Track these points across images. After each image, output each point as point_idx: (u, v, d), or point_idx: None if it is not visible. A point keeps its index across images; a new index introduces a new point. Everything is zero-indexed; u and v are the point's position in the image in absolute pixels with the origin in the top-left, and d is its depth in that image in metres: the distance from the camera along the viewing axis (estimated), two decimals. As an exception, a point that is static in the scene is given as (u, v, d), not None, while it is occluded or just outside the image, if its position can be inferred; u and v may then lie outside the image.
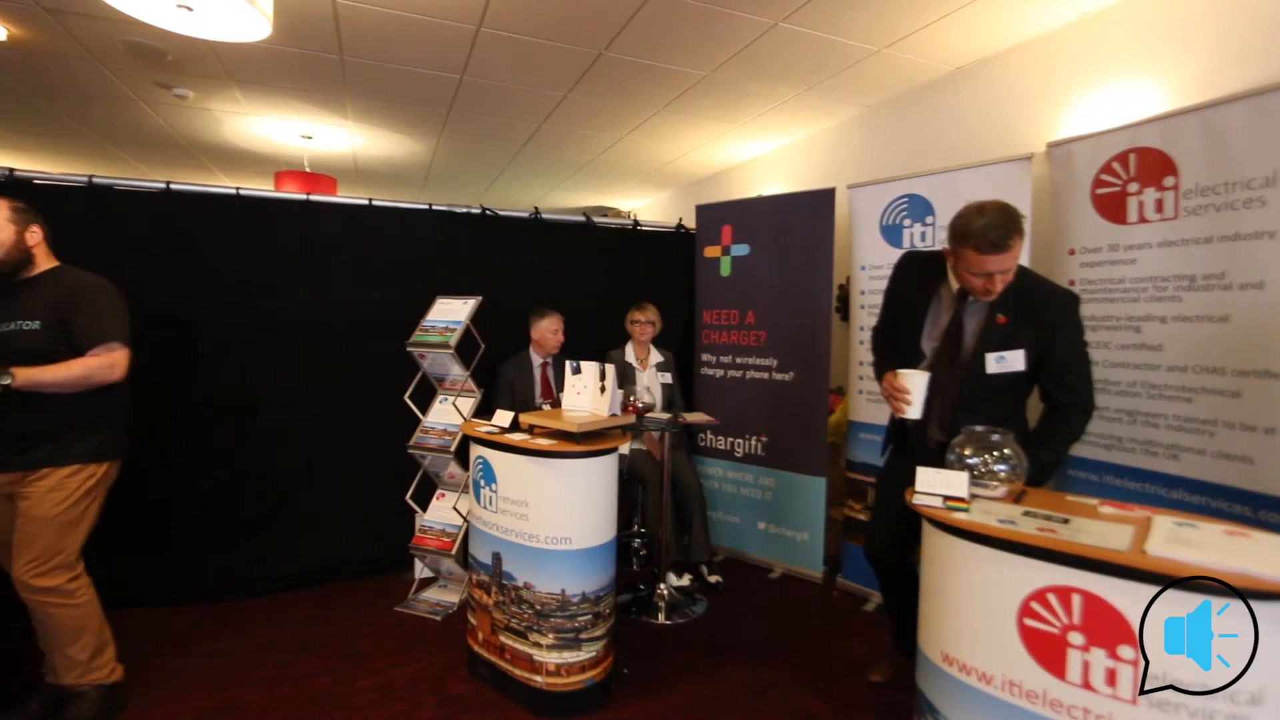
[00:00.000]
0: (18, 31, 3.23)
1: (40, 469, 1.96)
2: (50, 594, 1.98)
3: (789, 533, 3.42)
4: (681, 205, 6.40)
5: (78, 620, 2.04)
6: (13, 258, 1.99)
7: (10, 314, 1.97)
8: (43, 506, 1.95)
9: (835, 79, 3.61)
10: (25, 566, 1.95)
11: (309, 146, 5.25)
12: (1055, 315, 1.85)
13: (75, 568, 2.05)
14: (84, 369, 1.97)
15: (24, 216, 2.02)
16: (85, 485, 2.02)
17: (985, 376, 1.90)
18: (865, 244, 3.21)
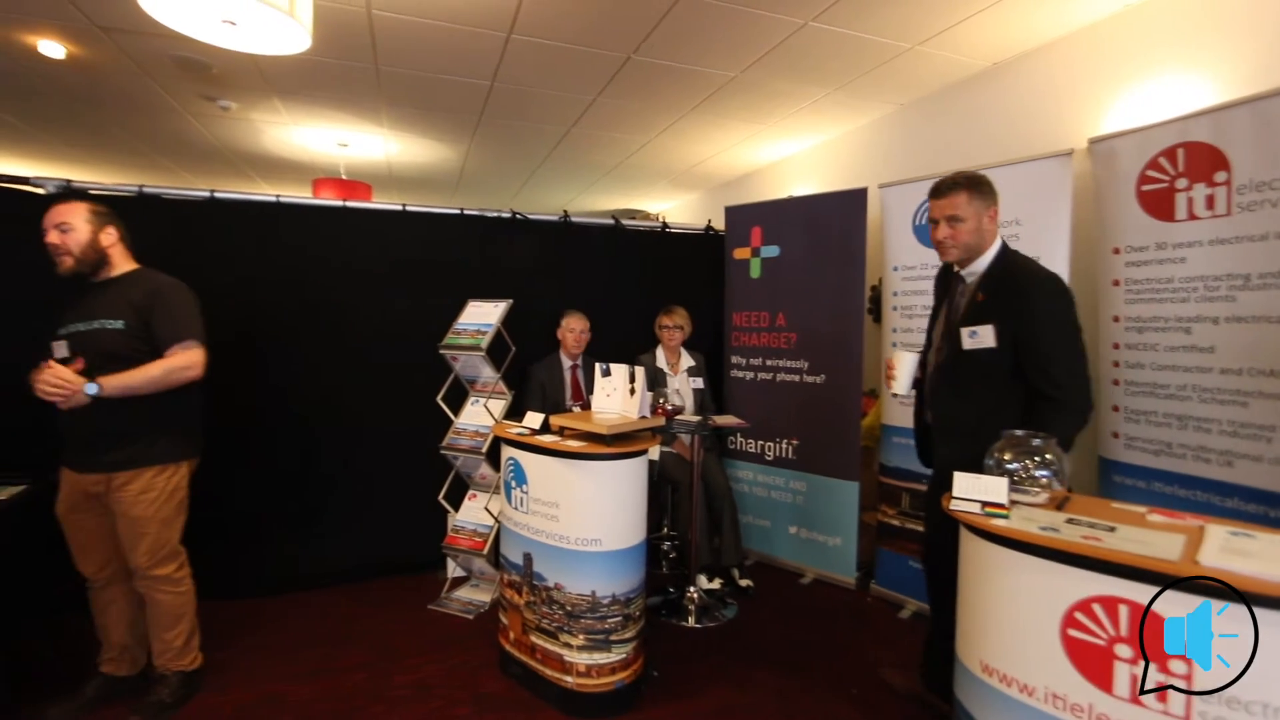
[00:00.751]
0: (76, 50, 3.38)
1: (125, 471, 2.04)
2: (163, 581, 2.14)
3: (821, 537, 3.38)
4: (710, 207, 6.38)
5: (180, 607, 2.19)
6: (89, 258, 2.07)
7: (93, 313, 2.05)
8: (139, 507, 2.06)
9: (867, 77, 3.56)
10: (142, 558, 2.08)
11: (345, 154, 5.39)
12: (1024, 292, 1.82)
13: (180, 555, 2.20)
14: (164, 369, 2.03)
15: (100, 218, 2.11)
16: (172, 483, 2.13)
17: (963, 354, 1.92)
18: (898, 244, 3.16)
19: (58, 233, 2.05)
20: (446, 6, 2.90)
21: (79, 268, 2.07)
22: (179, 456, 2.16)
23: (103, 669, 2.24)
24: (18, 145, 5.34)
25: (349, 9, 2.92)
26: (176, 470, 2.15)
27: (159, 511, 2.09)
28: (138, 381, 1.99)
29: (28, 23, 3.09)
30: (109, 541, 2.14)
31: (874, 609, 3.09)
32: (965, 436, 1.88)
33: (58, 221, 2.05)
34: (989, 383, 1.89)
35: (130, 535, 2.08)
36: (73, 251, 2.05)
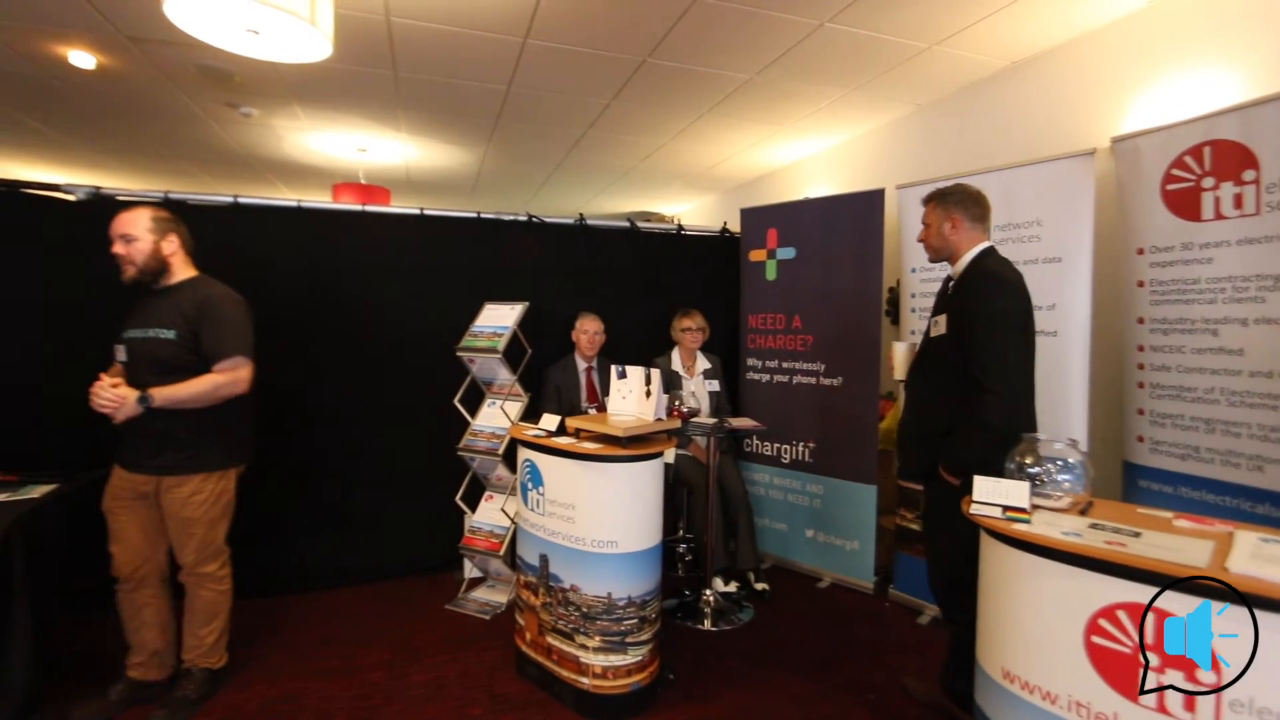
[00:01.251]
0: (105, 60, 3.47)
1: (174, 475, 2.09)
2: (208, 578, 2.22)
3: (838, 541, 3.35)
4: (725, 209, 6.37)
5: (218, 604, 2.25)
6: (150, 266, 2.10)
7: (148, 321, 2.09)
8: (188, 509, 2.11)
9: (883, 78, 3.54)
10: (191, 556, 2.16)
11: (364, 159, 5.46)
12: (969, 287, 2.02)
13: (224, 553, 2.26)
14: (211, 384, 2.06)
15: (162, 225, 2.13)
16: (219, 487, 2.18)
17: (931, 342, 2.16)
18: (915, 246, 3.11)
19: (122, 243, 2.08)
20: (463, 13, 2.93)
21: (141, 276, 2.11)
22: (227, 463, 2.20)
23: (130, 673, 2.23)
24: (49, 153, 5.48)
25: (368, 17, 2.96)
26: (224, 476, 2.20)
27: (207, 514, 2.15)
28: (185, 395, 2.02)
29: (60, 34, 3.18)
30: (147, 539, 2.17)
31: (892, 614, 3.06)
32: (924, 410, 2.16)
33: (122, 232, 2.08)
34: (940, 370, 2.08)
35: (179, 535, 2.15)
36: (136, 261, 2.09)
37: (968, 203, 2.11)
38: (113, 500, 2.16)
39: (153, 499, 2.13)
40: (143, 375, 2.03)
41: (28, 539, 2.11)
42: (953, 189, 2.15)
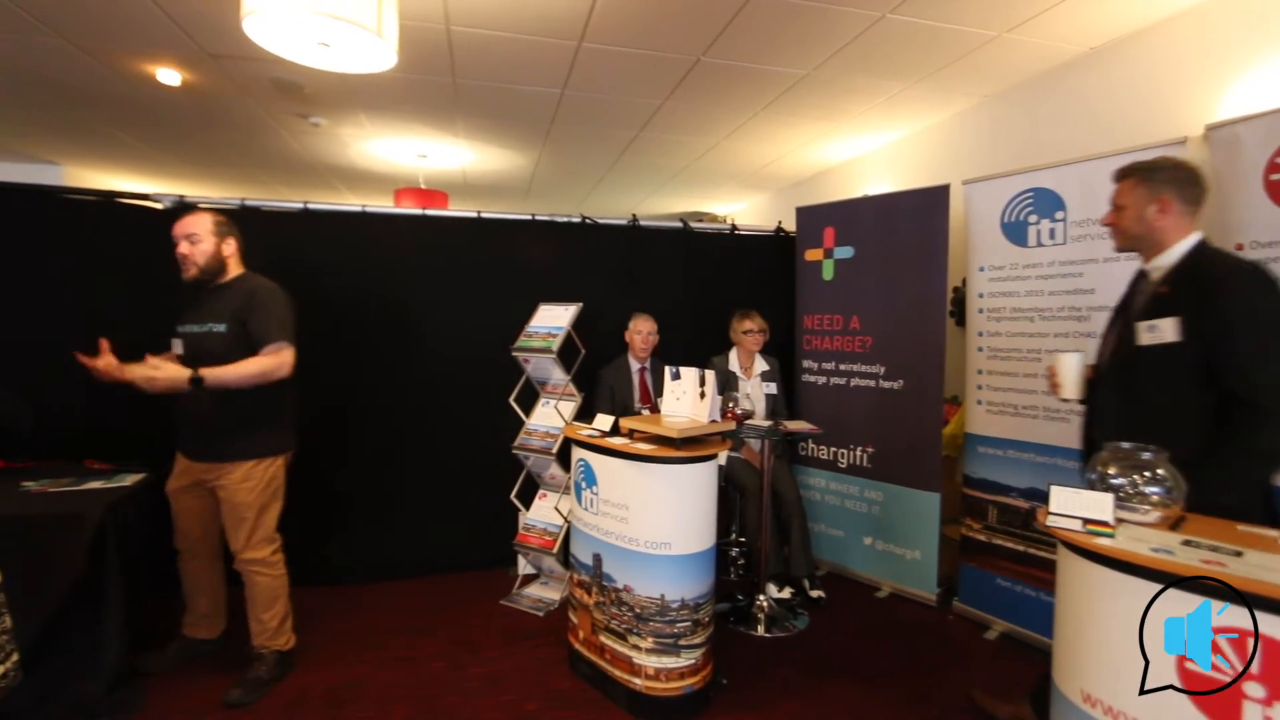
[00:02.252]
0: (189, 76, 3.69)
1: (227, 462, 2.24)
2: (259, 564, 2.32)
3: (898, 550, 3.24)
4: (779, 208, 6.27)
5: (275, 589, 2.37)
6: (211, 266, 2.27)
7: (204, 317, 2.25)
8: (240, 494, 2.26)
9: (949, 69, 3.40)
10: (241, 543, 2.29)
11: (424, 165, 5.63)
12: (1217, 282, 1.64)
13: (275, 541, 2.38)
14: (258, 367, 2.19)
15: (223, 229, 2.30)
16: (269, 473, 2.31)
17: (1138, 353, 1.74)
18: (984, 243, 2.99)
19: (187, 243, 2.24)
20: (520, 19, 2.98)
21: (202, 275, 2.27)
22: (275, 450, 2.34)
23: (185, 631, 2.51)
24: (138, 165, 5.88)
25: (430, 26, 3.05)
26: (273, 462, 2.33)
27: (258, 499, 2.28)
28: (233, 376, 2.15)
29: (150, 54, 3.40)
30: (204, 521, 2.38)
31: (956, 628, 2.93)
32: (1140, 435, 1.65)
33: (188, 233, 2.24)
34: (1165, 385, 1.70)
35: (232, 520, 2.29)
36: (199, 261, 2.25)
37: (1183, 182, 1.73)
38: (175, 486, 2.37)
39: (208, 484, 2.30)
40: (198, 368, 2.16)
41: (119, 523, 2.27)
42: (1162, 163, 1.79)
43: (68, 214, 3.06)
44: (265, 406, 2.28)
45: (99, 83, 3.78)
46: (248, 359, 2.20)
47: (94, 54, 3.39)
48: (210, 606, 2.51)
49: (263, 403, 2.26)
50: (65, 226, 3.02)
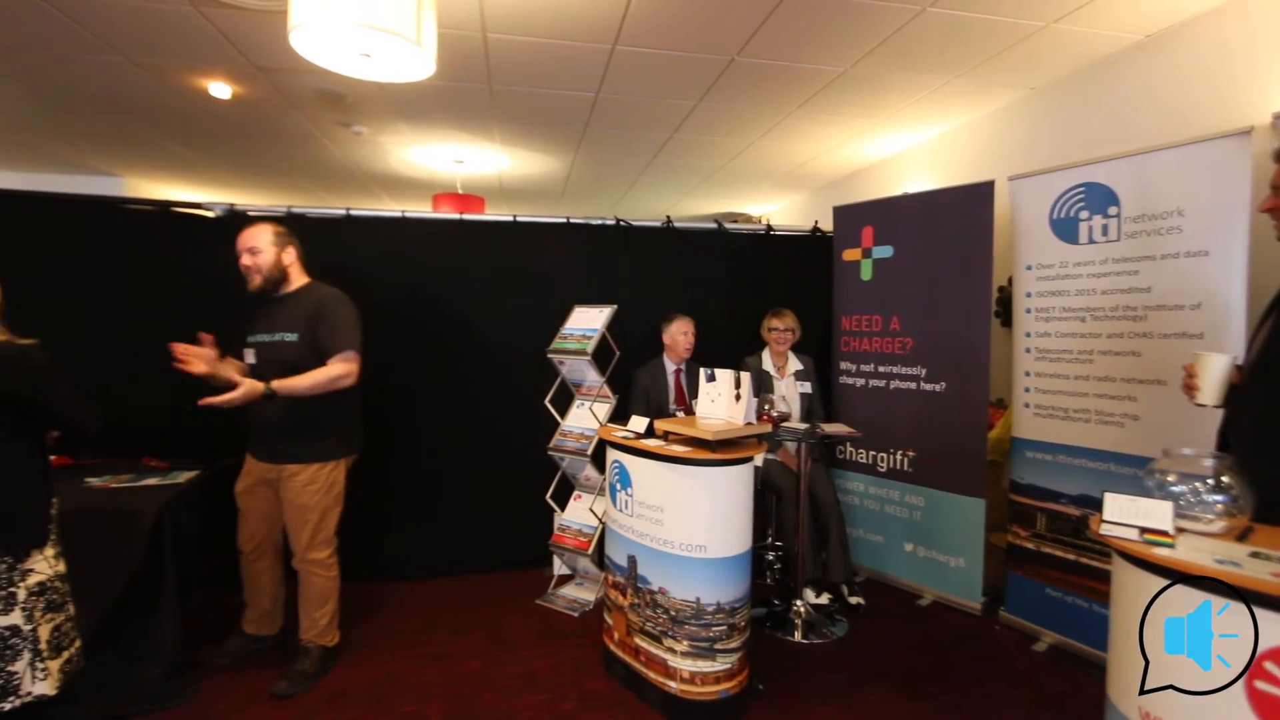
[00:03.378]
0: (238, 89, 3.83)
1: (293, 464, 2.31)
2: (317, 565, 2.40)
3: (941, 557, 3.15)
4: (816, 208, 6.18)
5: (328, 589, 2.45)
6: (273, 276, 2.35)
7: (273, 326, 2.33)
8: (303, 497, 2.33)
9: (993, 62, 3.30)
10: (302, 544, 2.37)
11: (461, 170, 5.73)
12: None
13: (333, 543, 2.46)
14: (326, 376, 2.26)
15: (283, 239, 2.38)
16: (332, 476, 2.38)
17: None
18: (1032, 241, 2.89)
19: (249, 255, 2.32)
20: (555, 24, 3.00)
21: (265, 285, 2.35)
22: (339, 454, 2.41)
23: (245, 628, 2.58)
24: (191, 174, 6.13)
25: (466, 34, 3.10)
26: (336, 466, 2.40)
27: (320, 501, 2.35)
28: (303, 386, 2.23)
29: (203, 69, 3.54)
30: (268, 522, 2.45)
31: (1003, 639, 2.83)
32: None
33: (249, 246, 2.32)
34: None
35: (295, 521, 2.36)
36: (262, 271, 2.33)
37: None
38: (243, 487, 2.45)
39: (274, 486, 2.36)
40: (270, 375, 2.23)
41: (174, 519, 2.37)
42: None
43: (128, 223, 3.22)
44: (330, 412, 2.34)
45: (156, 97, 3.96)
46: (316, 370, 2.26)
47: (152, 70, 3.55)
48: (272, 604, 2.60)
49: (328, 408, 2.32)
50: (126, 235, 3.17)
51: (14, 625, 1.47)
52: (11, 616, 1.47)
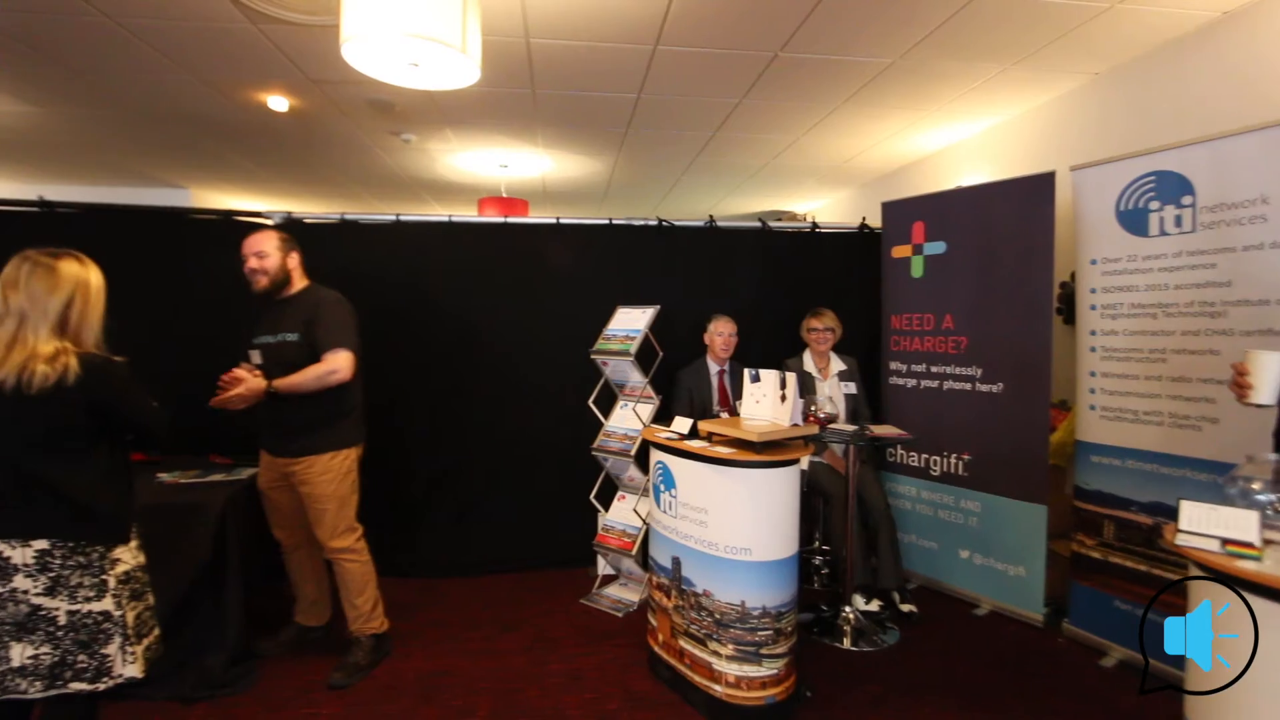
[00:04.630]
0: (295, 102, 3.99)
1: (305, 456, 2.40)
2: (346, 552, 2.47)
3: (999, 565, 3.02)
4: (863, 204, 6.03)
5: (363, 575, 2.53)
6: (278, 278, 2.45)
7: (277, 328, 2.43)
8: (319, 487, 2.41)
9: (1052, 47, 3.15)
10: (326, 533, 2.45)
11: (505, 174, 5.83)
12: None
13: (357, 529, 2.54)
14: (317, 373, 2.34)
15: (287, 245, 2.48)
16: (344, 465, 2.46)
17: None
18: (1097, 234, 2.74)
19: (256, 259, 2.42)
20: (597, 28, 3.02)
21: (270, 288, 2.44)
22: (347, 443, 2.49)
23: (296, 619, 2.71)
24: (250, 184, 6.43)
25: (510, 40, 3.14)
26: (346, 455, 2.48)
27: (336, 490, 2.43)
28: (298, 382, 2.32)
29: (262, 83, 3.71)
30: (296, 513, 2.54)
31: (1067, 652, 2.69)
32: None
33: (256, 250, 2.42)
34: None
35: (315, 512, 2.44)
36: (269, 273, 2.42)
37: None
38: (264, 483, 2.55)
39: (290, 480, 2.45)
40: (275, 373, 2.33)
41: (239, 513, 2.48)
42: None
43: (194, 232, 3.39)
44: (333, 405, 2.42)
45: (220, 112, 4.16)
46: (308, 367, 2.35)
47: (216, 86, 3.73)
48: (317, 593, 2.71)
49: (330, 402, 2.41)
50: (191, 243, 3.34)
51: (106, 611, 1.56)
52: (104, 603, 1.56)
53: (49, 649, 1.51)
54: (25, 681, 1.49)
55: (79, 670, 1.53)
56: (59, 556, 1.51)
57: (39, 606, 1.50)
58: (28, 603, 1.49)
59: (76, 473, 1.56)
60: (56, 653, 1.51)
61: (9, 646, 1.49)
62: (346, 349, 2.40)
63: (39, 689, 1.50)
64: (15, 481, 1.51)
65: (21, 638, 1.49)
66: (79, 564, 1.53)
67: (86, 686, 1.54)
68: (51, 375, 1.48)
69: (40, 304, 1.52)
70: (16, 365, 1.47)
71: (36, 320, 1.51)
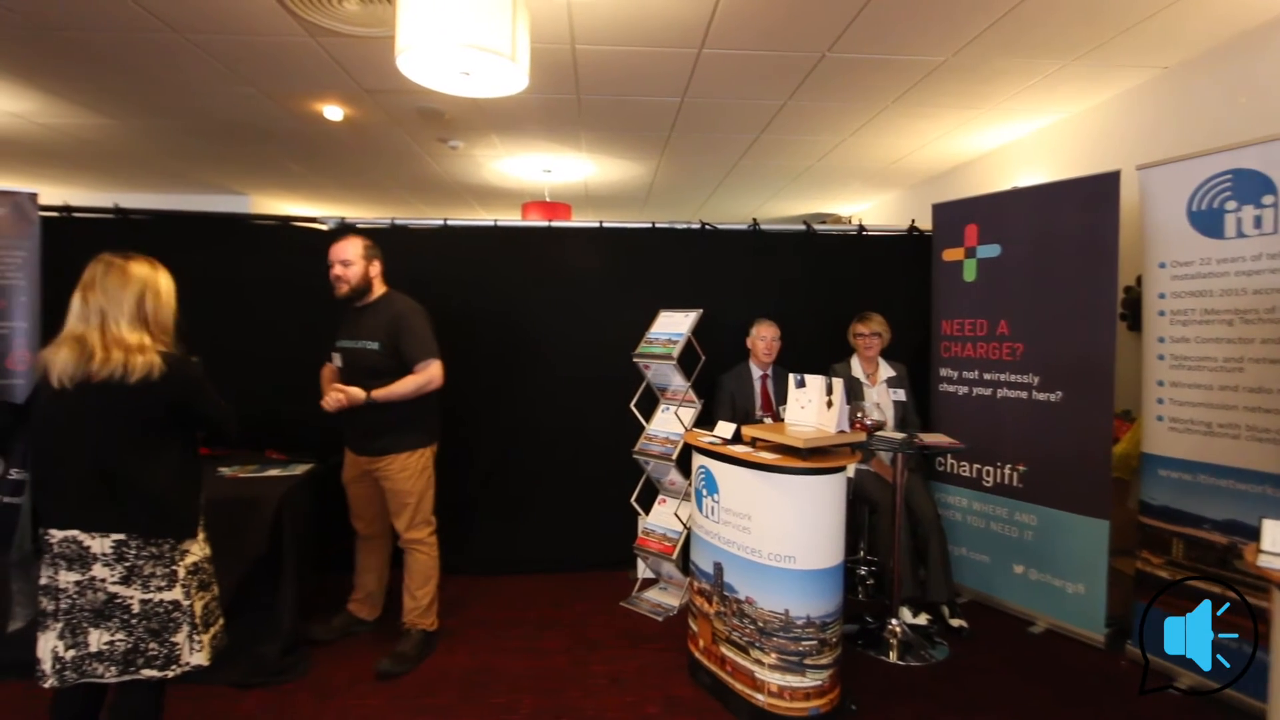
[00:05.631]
0: (349, 111, 4.13)
1: (387, 455, 2.53)
2: (420, 543, 2.61)
3: (1057, 582, 2.89)
4: (911, 206, 5.89)
5: (430, 568, 2.65)
6: (360, 286, 2.54)
7: (357, 334, 2.53)
8: (398, 482, 2.54)
9: (1118, 41, 3.01)
10: (404, 525, 2.59)
11: (548, 179, 5.91)
12: None
13: (432, 523, 2.67)
14: (415, 385, 2.48)
15: (370, 253, 2.57)
16: (421, 462, 2.59)
17: None
18: (1166, 236, 2.61)
19: (341, 266, 2.52)
20: (642, 33, 3.03)
21: (351, 294, 2.54)
22: (424, 442, 2.61)
23: (349, 607, 2.80)
24: (305, 190, 6.67)
25: (556, 47, 3.18)
26: (424, 453, 2.60)
27: (415, 485, 2.55)
28: (397, 394, 2.45)
29: (318, 94, 3.85)
30: (374, 506, 2.68)
31: (1131, 676, 2.55)
32: None
33: (342, 258, 2.52)
34: None
35: (396, 505, 2.58)
36: (350, 281, 2.52)
37: None
38: (348, 478, 2.69)
39: (373, 476, 2.58)
40: (354, 377, 2.46)
41: (294, 507, 2.57)
42: None
43: (254, 236, 3.55)
44: (413, 408, 2.52)
45: (279, 122, 4.34)
46: (405, 378, 2.47)
47: (275, 98, 3.89)
48: (376, 586, 2.82)
49: (410, 405, 2.51)
50: (251, 246, 3.50)
51: (176, 600, 1.64)
52: (174, 592, 1.64)
53: (124, 635, 1.58)
54: (102, 666, 1.57)
55: (150, 657, 1.61)
56: (134, 547, 1.59)
57: (115, 594, 1.58)
58: (105, 590, 1.57)
59: (154, 467, 1.63)
60: (130, 639, 1.59)
61: (88, 632, 1.56)
62: (437, 359, 2.53)
63: (114, 674, 1.58)
64: (99, 475, 1.59)
65: (99, 624, 1.57)
66: (152, 555, 1.61)
67: (157, 673, 1.61)
68: (143, 368, 1.56)
69: (116, 299, 1.61)
70: (121, 361, 1.55)
71: (116, 315, 1.60)
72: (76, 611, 1.56)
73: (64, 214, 3.27)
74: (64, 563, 1.56)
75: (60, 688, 1.58)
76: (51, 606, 1.57)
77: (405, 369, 2.49)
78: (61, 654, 1.56)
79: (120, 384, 1.55)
